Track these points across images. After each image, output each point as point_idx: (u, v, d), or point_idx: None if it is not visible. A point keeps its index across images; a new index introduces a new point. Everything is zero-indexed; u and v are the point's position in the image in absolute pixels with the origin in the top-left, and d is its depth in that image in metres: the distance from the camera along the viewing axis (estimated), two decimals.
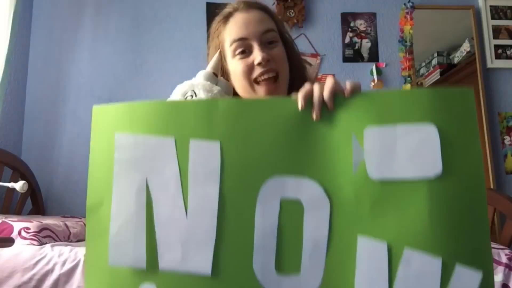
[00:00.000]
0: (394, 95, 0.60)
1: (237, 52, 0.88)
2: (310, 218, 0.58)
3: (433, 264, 0.54)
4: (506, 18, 2.74)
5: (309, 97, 0.61)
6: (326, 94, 0.61)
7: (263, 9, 0.93)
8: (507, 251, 1.49)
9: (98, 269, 0.63)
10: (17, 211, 2.21)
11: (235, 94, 0.92)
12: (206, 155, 0.60)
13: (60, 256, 1.51)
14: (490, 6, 2.73)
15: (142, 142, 0.62)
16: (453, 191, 0.56)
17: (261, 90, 0.87)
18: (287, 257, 0.57)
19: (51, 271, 1.48)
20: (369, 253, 0.56)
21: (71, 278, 1.47)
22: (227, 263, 0.58)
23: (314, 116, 0.60)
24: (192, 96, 0.76)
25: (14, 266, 1.48)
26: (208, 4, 2.63)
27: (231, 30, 0.90)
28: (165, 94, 0.88)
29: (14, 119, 2.44)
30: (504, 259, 1.45)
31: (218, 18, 0.94)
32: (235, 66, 0.88)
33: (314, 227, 0.57)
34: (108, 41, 2.63)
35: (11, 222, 1.67)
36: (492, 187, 2.44)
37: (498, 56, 2.68)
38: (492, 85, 2.66)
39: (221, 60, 0.91)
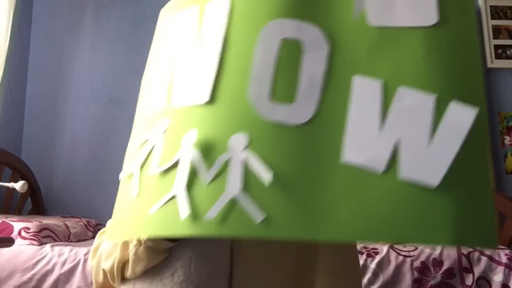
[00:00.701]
0: None
1: None
2: (308, 56, 0.60)
3: (427, 100, 0.56)
4: (506, 18, 2.74)
5: None
6: None
7: None
8: (507, 251, 1.49)
9: (139, 113, 0.76)
10: (17, 211, 2.22)
11: None
12: (218, 10, 0.66)
13: (60, 256, 1.51)
14: (490, 6, 2.73)
15: (176, 16, 0.74)
16: (447, 38, 0.59)
17: None
18: (282, 89, 0.60)
19: (51, 271, 1.48)
20: (363, 89, 0.58)
21: (71, 278, 1.47)
22: (223, 92, 0.62)
23: None
24: None
25: (14, 266, 1.48)
26: None
27: None
28: None
29: (14, 119, 2.44)
30: (504, 259, 1.45)
31: None
32: None
33: (312, 65, 0.60)
34: (108, 41, 2.63)
35: (11, 222, 1.67)
36: (492, 187, 2.43)
37: (498, 56, 2.68)
38: (492, 85, 2.66)
39: None
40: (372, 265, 1.45)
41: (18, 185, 1.63)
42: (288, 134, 0.58)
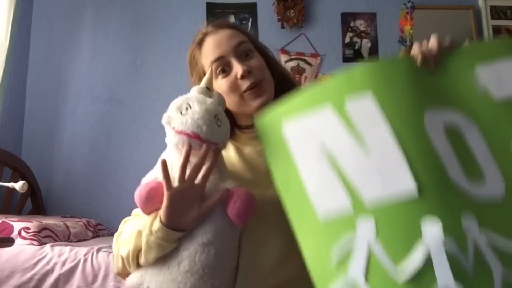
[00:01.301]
0: (490, 42, 0.78)
1: (218, 71, 0.90)
2: (467, 137, 0.68)
3: None
4: (506, 18, 2.74)
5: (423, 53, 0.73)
6: (437, 48, 0.74)
7: (231, 26, 0.96)
8: None
9: (311, 230, 0.67)
10: (17, 211, 2.22)
11: (227, 109, 0.94)
12: (364, 104, 0.68)
13: (60, 256, 1.51)
14: (490, 6, 2.73)
15: (306, 118, 0.71)
16: None
17: (250, 99, 0.90)
18: (470, 169, 0.65)
19: (51, 271, 1.48)
20: None
21: (71, 278, 1.47)
22: (426, 180, 0.62)
23: (432, 66, 0.72)
24: (187, 108, 0.79)
25: (14, 266, 1.48)
26: (208, 4, 2.63)
27: (207, 54, 0.92)
28: (165, 94, 0.89)
29: (14, 119, 2.44)
30: None
31: (192, 47, 0.97)
32: (221, 86, 0.90)
33: (475, 143, 0.67)
34: (108, 41, 2.63)
35: (11, 222, 1.67)
36: None
37: None
38: None
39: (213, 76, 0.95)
40: None
41: (18, 185, 1.63)
42: (499, 205, 0.64)
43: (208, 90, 0.86)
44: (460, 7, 2.72)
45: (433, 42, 0.75)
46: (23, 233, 1.62)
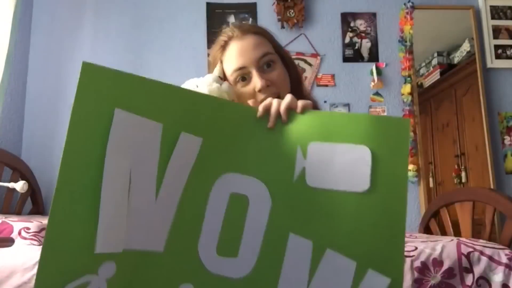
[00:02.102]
0: (339, 117, 0.70)
1: (237, 80, 0.92)
2: (252, 212, 0.67)
3: (349, 266, 0.65)
4: (506, 18, 2.74)
5: (268, 109, 0.71)
6: (282, 107, 0.70)
7: (258, 33, 0.95)
8: (507, 251, 1.49)
9: (62, 254, 0.58)
10: (17, 211, 2.22)
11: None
12: (189, 149, 0.66)
13: None
14: (490, 6, 2.73)
15: (136, 123, 0.63)
16: (376, 206, 0.65)
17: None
18: (228, 243, 0.67)
19: None
20: (296, 248, 0.66)
21: None
22: (176, 244, 0.65)
23: (270, 125, 0.70)
24: (194, 89, 0.88)
25: (14, 266, 1.48)
26: (208, 4, 2.63)
27: (229, 60, 0.93)
28: None
29: (14, 119, 2.44)
30: (504, 259, 1.45)
31: (215, 47, 0.97)
32: (239, 93, 0.92)
33: (255, 220, 0.67)
34: (108, 41, 2.63)
35: (11, 222, 1.67)
36: (492, 187, 2.44)
37: (498, 56, 2.68)
38: (492, 85, 2.66)
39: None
40: None
41: (18, 185, 1.63)
42: (229, 286, 0.66)
43: (220, 78, 0.92)
44: (460, 7, 2.72)
45: (285, 102, 0.71)
46: (23, 233, 1.61)
